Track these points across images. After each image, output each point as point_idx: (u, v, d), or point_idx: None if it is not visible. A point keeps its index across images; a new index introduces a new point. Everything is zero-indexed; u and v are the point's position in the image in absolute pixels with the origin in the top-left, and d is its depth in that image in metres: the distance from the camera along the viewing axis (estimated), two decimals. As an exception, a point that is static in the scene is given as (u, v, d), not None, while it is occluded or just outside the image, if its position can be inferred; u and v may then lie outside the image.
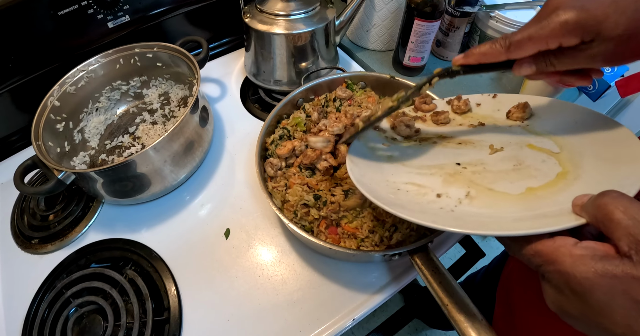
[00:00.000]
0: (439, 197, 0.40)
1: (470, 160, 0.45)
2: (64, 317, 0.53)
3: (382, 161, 0.48)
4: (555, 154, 0.43)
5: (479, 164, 0.44)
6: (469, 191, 0.40)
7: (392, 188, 0.43)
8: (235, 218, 0.61)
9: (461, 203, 0.39)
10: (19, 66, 0.66)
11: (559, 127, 0.46)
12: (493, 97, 0.54)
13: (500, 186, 0.40)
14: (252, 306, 0.52)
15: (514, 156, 0.44)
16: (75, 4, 0.66)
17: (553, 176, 0.40)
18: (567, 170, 0.40)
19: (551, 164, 0.42)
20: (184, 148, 0.60)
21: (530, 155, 0.44)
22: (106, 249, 0.59)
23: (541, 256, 0.27)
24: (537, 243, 0.28)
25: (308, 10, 0.68)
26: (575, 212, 0.29)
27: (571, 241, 0.26)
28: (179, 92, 0.76)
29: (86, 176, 0.55)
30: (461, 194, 0.40)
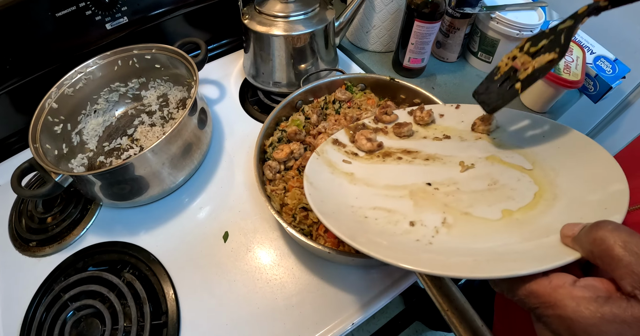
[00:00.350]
0: (412, 225, 0.38)
1: (442, 179, 0.43)
2: (61, 321, 0.53)
3: (344, 181, 0.45)
4: (529, 171, 0.41)
5: (451, 184, 0.42)
6: (444, 218, 0.38)
7: (359, 216, 0.40)
8: (234, 221, 0.61)
9: (438, 232, 0.36)
10: (17, 67, 0.66)
11: (527, 141, 0.44)
12: (456, 107, 0.52)
13: (478, 211, 0.38)
14: (250, 310, 0.52)
15: (486, 174, 0.42)
16: (73, 5, 0.65)
17: (531, 196, 0.38)
18: (543, 189, 0.38)
19: (526, 183, 0.40)
20: (182, 150, 0.60)
21: (504, 172, 0.42)
22: (104, 252, 0.59)
23: (537, 297, 0.25)
24: (532, 283, 0.25)
25: (307, 11, 0.68)
26: (565, 243, 0.28)
27: (569, 280, 0.24)
28: (178, 93, 0.76)
29: (84, 178, 0.55)
30: (437, 221, 0.38)
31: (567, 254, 0.26)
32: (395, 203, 0.41)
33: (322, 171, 0.46)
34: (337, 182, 0.45)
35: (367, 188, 0.44)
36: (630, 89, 0.84)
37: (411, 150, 0.49)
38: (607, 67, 0.75)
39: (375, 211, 0.40)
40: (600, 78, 0.74)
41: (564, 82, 0.67)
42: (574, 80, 0.67)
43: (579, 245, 0.26)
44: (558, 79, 0.67)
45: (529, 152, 0.43)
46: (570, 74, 0.68)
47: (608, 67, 0.75)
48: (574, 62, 0.70)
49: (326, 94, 0.66)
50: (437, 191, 0.41)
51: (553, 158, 0.41)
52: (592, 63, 0.76)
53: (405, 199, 0.41)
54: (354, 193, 0.43)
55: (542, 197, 0.37)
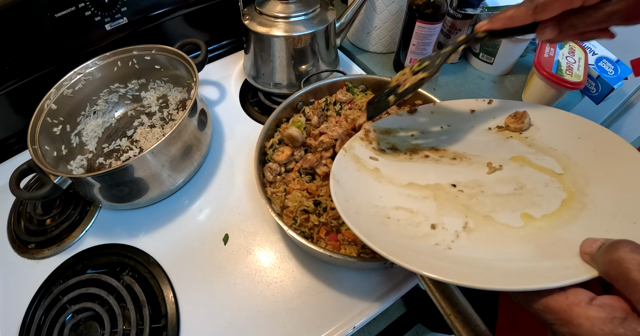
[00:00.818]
0: (433, 228, 0.37)
1: (467, 181, 0.42)
2: (60, 323, 0.52)
3: (370, 179, 0.45)
4: (559, 175, 0.40)
5: (476, 187, 0.41)
6: (466, 222, 0.37)
7: (382, 216, 0.39)
8: (234, 223, 0.60)
9: (459, 237, 0.36)
10: (16, 68, 0.66)
11: (561, 143, 0.43)
12: (488, 103, 0.51)
13: (501, 216, 0.37)
14: (250, 313, 0.52)
15: (513, 177, 0.41)
16: (72, 5, 0.65)
17: (558, 203, 0.37)
18: (572, 197, 0.37)
19: (555, 189, 0.38)
20: (182, 152, 0.59)
21: (532, 176, 0.41)
22: (103, 255, 0.59)
23: (553, 313, 0.25)
24: (549, 298, 0.25)
25: (308, 12, 0.68)
26: (584, 260, 0.27)
27: (585, 298, 0.24)
28: (178, 95, 0.75)
29: (83, 180, 0.54)
30: (458, 225, 0.37)
31: (584, 272, 0.26)
32: (418, 203, 0.40)
33: (349, 168, 0.45)
34: (362, 180, 0.44)
35: (391, 186, 0.43)
36: (632, 90, 0.84)
37: (439, 148, 0.48)
38: (609, 68, 0.75)
39: (398, 212, 0.40)
40: (602, 79, 0.74)
41: (566, 83, 0.66)
42: (576, 81, 0.66)
43: (596, 264, 0.25)
44: (560, 80, 0.66)
45: (562, 155, 0.42)
46: (572, 75, 0.67)
47: (610, 69, 0.75)
48: (576, 64, 0.70)
49: (327, 95, 0.66)
50: (461, 193, 0.41)
51: (587, 163, 0.39)
52: (594, 64, 0.76)
53: (428, 200, 0.41)
54: (378, 191, 0.43)
55: (569, 205, 0.36)
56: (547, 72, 0.67)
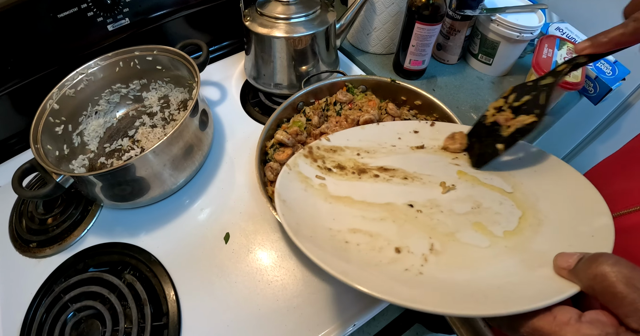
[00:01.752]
0: (398, 252, 0.35)
1: (423, 201, 0.40)
2: (61, 322, 0.52)
3: (319, 200, 0.41)
4: (509, 194, 0.40)
5: (434, 207, 0.40)
6: (432, 243, 0.35)
7: (339, 241, 0.36)
8: (235, 222, 0.61)
9: (427, 260, 0.34)
10: (18, 68, 0.66)
11: (504, 164, 0.43)
12: (431, 125, 0.51)
13: (466, 237, 0.36)
14: (251, 311, 0.52)
15: (469, 196, 0.41)
16: (75, 6, 0.65)
17: (515, 221, 0.37)
18: (527, 214, 0.37)
19: (509, 207, 0.38)
20: (183, 152, 0.60)
21: (486, 195, 0.40)
22: (105, 254, 0.59)
23: (542, 335, 0.24)
24: (535, 320, 0.25)
25: (309, 13, 0.68)
26: (562, 275, 0.27)
27: (574, 315, 0.23)
28: (179, 95, 0.76)
29: (85, 179, 0.55)
30: (424, 247, 0.35)
31: (566, 288, 0.25)
32: (377, 225, 0.38)
33: (295, 188, 0.42)
34: (311, 201, 0.41)
35: (344, 207, 0.40)
36: (630, 90, 0.84)
37: (388, 168, 0.46)
38: (607, 69, 0.76)
39: (356, 235, 0.37)
40: (600, 80, 0.75)
41: (564, 83, 0.67)
42: (574, 82, 0.67)
43: (578, 279, 0.25)
44: (558, 81, 0.67)
45: (507, 175, 0.42)
46: (570, 75, 0.68)
47: (608, 69, 0.76)
48: (574, 64, 0.70)
49: (327, 95, 0.66)
50: (419, 213, 0.39)
51: (531, 182, 0.40)
52: (592, 65, 0.76)
53: (387, 222, 0.38)
54: (330, 213, 0.39)
55: (527, 222, 0.36)
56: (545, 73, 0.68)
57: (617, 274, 0.22)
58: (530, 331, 0.25)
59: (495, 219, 0.37)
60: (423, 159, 0.47)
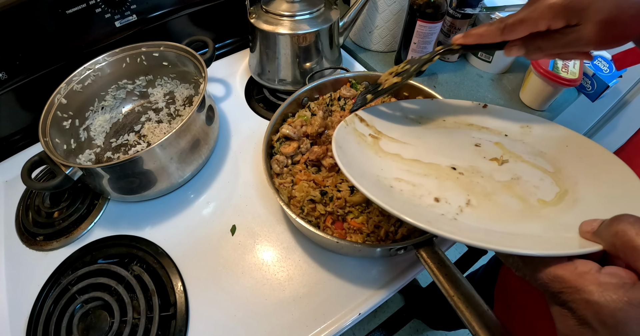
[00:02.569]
0: (437, 201, 0.38)
1: (466, 166, 0.44)
2: (69, 313, 0.53)
3: (371, 153, 0.45)
4: (551, 173, 0.42)
5: (475, 172, 0.43)
6: (469, 199, 0.38)
7: (385, 185, 0.40)
8: (241, 215, 0.62)
9: (462, 211, 0.37)
10: (26, 63, 0.67)
11: (552, 148, 0.46)
12: (483, 107, 0.53)
13: (501, 198, 0.39)
14: (258, 301, 0.53)
15: (509, 169, 0.43)
16: (83, 3, 0.66)
17: (552, 195, 0.39)
18: (565, 192, 0.39)
19: (548, 183, 0.41)
20: (190, 146, 0.61)
21: (527, 170, 0.43)
22: (112, 246, 0.60)
23: (562, 282, 0.25)
24: (557, 267, 0.25)
25: (313, 11, 0.69)
26: (586, 238, 0.28)
27: (595, 267, 0.24)
28: (184, 91, 0.77)
29: (93, 172, 0.55)
30: (461, 201, 0.38)
31: (589, 244, 0.27)
32: (420, 179, 0.41)
33: (350, 139, 0.46)
34: (363, 152, 0.45)
35: (392, 162, 0.44)
36: (627, 88, 0.86)
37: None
38: (604, 66, 0.77)
39: (401, 183, 0.40)
40: (597, 77, 0.76)
41: (562, 80, 0.68)
42: (572, 78, 0.68)
43: (600, 238, 0.26)
44: (556, 77, 0.69)
45: (552, 158, 0.44)
46: (568, 72, 0.69)
47: (605, 67, 0.77)
48: (572, 62, 0.72)
49: (331, 91, 0.67)
50: (461, 175, 0.42)
51: (574, 167, 0.42)
52: (589, 63, 0.78)
53: (430, 178, 0.42)
54: (379, 164, 0.44)
55: (563, 198, 0.38)
56: (543, 70, 0.70)
57: (638, 229, 0.23)
58: (551, 278, 0.26)
59: (532, 191, 0.40)
60: (467, 134, 0.50)
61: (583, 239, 0.28)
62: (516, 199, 0.39)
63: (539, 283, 0.27)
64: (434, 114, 0.54)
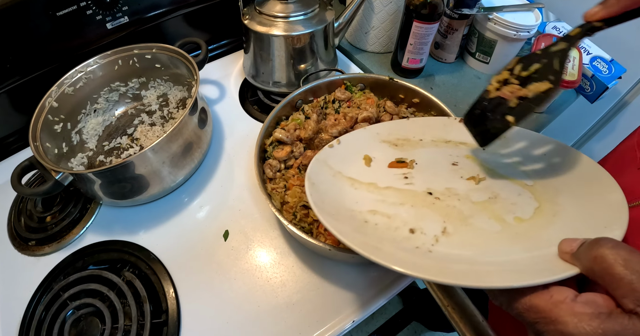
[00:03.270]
0: (412, 233, 0.37)
1: (442, 189, 0.43)
2: (60, 319, 0.52)
3: (345, 185, 0.45)
4: (529, 187, 0.41)
5: (452, 195, 0.42)
6: (445, 227, 0.38)
7: (359, 220, 0.40)
8: (234, 220, 0.61)
9: (438, 241, 0.36)
10: (17, 66, 0.66)
11: (528, 158, 0.45)
12: (460, 121, 0.51)
13: (478, 222, 0.38)
14: (251, 308, 0.52)
15: (487, 187, 0.43)
16: (74, 4, 0.65)
17: (531, 211, 0.38)
18: (544, 206, 0.38)
19: (527, 198, 0.40)
20: (182, 149, 0.60)
21: (505, 187, 0.42)
22: (104, 251, 0.59)
23: (537, 312, 0.24)
24: (532, 296, 0.25)
25: (307, 12, 0.68)
26: (564, 259, 0.27)
27: (570, 295, 0.24)
28: (178, 93, 0.76)
29: (84, 177, 0.55)
30: (437, 229, 0.37)
31: (566, 269, 0.26)
32: (395, 209, 0.41)
33: (324, 173, 0.46)
34: (338, 185, 0.45)
35: (367, 193, 0.44)
36: (626, 89, 0.85)
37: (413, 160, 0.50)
38: (604, 67, 0.76)
39: (375, 216, 0.40)
40: (596, 78, 0.75)
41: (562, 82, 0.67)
42: (571, 80, 0.67)
43: (579, 262, 0.26)
44: (555, 79, 0.67)
45: (530, 169, 0.44)
46: (567, 74, 0.68)
47: (604, 68, 0.76)
48: (571, 63, 0.71)
49: (326, 93, 0.66)
50: (437, 200, 0.41)
51: (554, 177, 0.41)
52: (588, 64, 0.77)
53: (405, 206, 0.41)
54: (354, 197, 0.43)
55: (542, 213, 0.37)
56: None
57: (616, 256, 0.22)
58: (526, 308, 0.25)
59: (510, 208, 0.39)
60: (445, 153, 0.49)
61: (560, 262, 0.27)
62: (493, 221, 0.38)
63: (515, 313, 0.26)
64: (410, 134, 0.53)
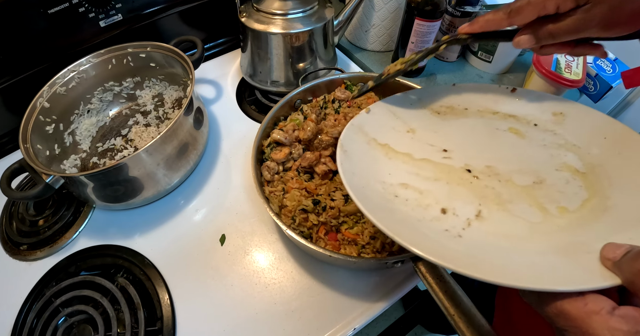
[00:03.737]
0: (443, 213, 0.35)
1: (482, 167, 0.40)
2: (52, 327, 0.51)
3: (380, 154, 0.43)
4: (581, 174, 0.38)
5: (492, 175, 0.39)
6: (480, 210, 0.35)
7: (389, 194, 0.38)
8: (231, 223, 0.59)
9: (470, 225, 0.34)
10: (8, 65, 0.64)
11: (586, 140, 0.41)
12: (512, 91, 0.48)
13: (518, 208, 0.35)
14: (248, 315, 0.51)
15: (533, 171, 0.39)
16: (66, 2, 0.64)
17: (578, 203, 0.35)
18: (593, 198, 0.35)
19: (576, 187, 0.37)
20: (177, 151, 0.58)
21: (553, 172, 0.39)
22: (97, 256, 0.57)
23: (568, 319, 0.23)
24: (564, 302, 0.23)
25: (306, 9, 0.67)
26: (605, 266, 0.25)
27: (607, 306, 0.22)
28: (174, 93, 0.74)
29: (76, 180, 0.53)
30: (471, 212, 0.35)
31: (606, 278, 0.24)
32: (429, 184, 0.39)
33: (357, 140, 0.43)
34: (371, 154, 0.42)
35: (402, 163, 0.42)
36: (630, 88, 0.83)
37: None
38: (607, 66, 0.75)
39: (407, 191, 0.38)
40: (600, 78, 0.74)
41: (565, 81, 0.66)
42: (575, 79, 0.66)
43: (620, 271, 0.24)
44: (559, 78, 0.66)
45: (586, 153, 0.40)
46: (571, 73, 0.67)
47: (608, 67, 0.75)
48: (575, 62, 0.70)
49: (325, 93, 0.65)
50: (476, 179, 0.39)
51: (611, 165, 0.37)
52: (592, 63, 0.75)
53: (440, 182, 0.39)
54: (387, 168, 0.41)
55: (590, 207, 0.34)
56: (546, 70, 0.67)
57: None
58: (556, 313, 0.24)
59: (556, 197, 0.36)
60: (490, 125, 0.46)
61: (601, 268, 0.25)
62: (535, 209, 0.35)
63: (545, 315, 0.25)
64: (454, 102, 0.49)
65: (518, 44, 0.38)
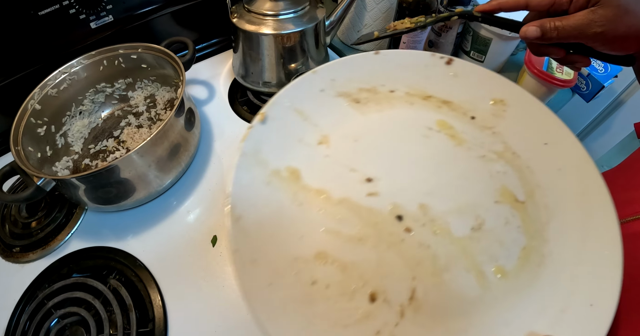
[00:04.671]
0: (372, 301, 0.29)
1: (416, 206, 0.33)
2: (45, 329, 0.51)
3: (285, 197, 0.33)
4: (520, 205, 0.33)
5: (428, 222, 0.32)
6: (414, 288, 0.29)
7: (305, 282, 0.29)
8: (223, 225, 0.59)
9: (403, 316, 0.28)
10: (-2, 68, 0.64)
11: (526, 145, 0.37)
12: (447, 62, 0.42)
13: (454, 280, 0.30)
14: (240, 316, 0.51)
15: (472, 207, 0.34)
16: (56, 3, 0.63)
17: (516, 254, 0.31)
18: (531, 245, 0.32)
19: (514, 231, 0.32)
20: (168, 152, 0.58)
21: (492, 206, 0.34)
22: (89, 258, 0.57)
23: None
24: None
25: (297, 10, 0.67)
26: None
27: None
28: (166, 94, 0.74)
29: (67, 182, 0.53)
30: (404, 294, 0.29)
31: None
32: (353, 251, 0.31)
33: (255, 184, 0.32)
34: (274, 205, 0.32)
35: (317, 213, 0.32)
36: (622, 88, 0.84)
37: None
38: (599, 66, 0.75)
39: (326, 267, 0.30)
40: (592, 77, 0.74)
41: (556, 81, 0.66)
42: (567, 79, 0.66)
43: None
44: (551, 78, 0.66)
45: (525, 166, 0.35)
46: (563, 73, 0.67)
47: (600, 67, 0.75)
48: (567, 61, 0.70)
49: (317, 94, 0.65)
50: (408, 235, 0.32)
51: (550, 186, 0.34)
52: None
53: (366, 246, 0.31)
54: (297, 225, 0.31)
55: (528, 259, 0.31)
56: (537, 70, 0.67)
57: None
58: None
59: (493, 251, 0.32)
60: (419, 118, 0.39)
61: None
62: (472, 275, 0.30)
63: None
64: (377, 80, 0.41)
65: (525, 33, 0.40)
